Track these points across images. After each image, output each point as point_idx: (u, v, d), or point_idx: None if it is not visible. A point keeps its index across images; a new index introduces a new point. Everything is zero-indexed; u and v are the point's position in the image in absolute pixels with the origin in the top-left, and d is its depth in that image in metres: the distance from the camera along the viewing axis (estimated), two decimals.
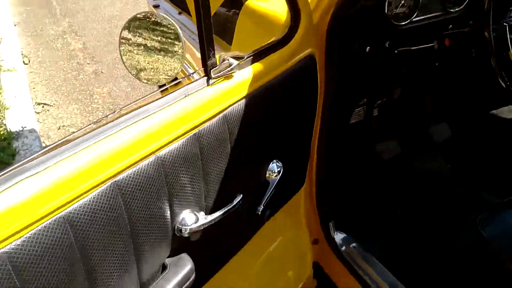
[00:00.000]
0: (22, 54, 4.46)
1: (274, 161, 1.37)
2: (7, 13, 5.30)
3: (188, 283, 1.10)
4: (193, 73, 1.85)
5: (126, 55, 1.31)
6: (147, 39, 1.38)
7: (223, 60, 1.13)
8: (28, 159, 0.83)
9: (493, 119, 2.14)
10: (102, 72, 4.25)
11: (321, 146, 1.66)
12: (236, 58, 1.16)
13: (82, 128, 0.92)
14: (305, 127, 1.52)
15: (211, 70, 1.10)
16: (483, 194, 1.99)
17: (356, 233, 1.86)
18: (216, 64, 1.11)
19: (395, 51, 1.64)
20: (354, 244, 1.84)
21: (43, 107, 3.79)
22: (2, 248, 0.76)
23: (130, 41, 1.40)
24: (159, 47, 1.38)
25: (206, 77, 1.11)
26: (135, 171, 0.95)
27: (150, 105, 1.01)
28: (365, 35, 1.58)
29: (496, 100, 2.12)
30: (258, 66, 1.22)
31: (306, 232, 1.83)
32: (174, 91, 1.06)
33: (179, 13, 2.54)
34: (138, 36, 1.40)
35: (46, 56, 4.54)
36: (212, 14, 1.08)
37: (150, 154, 0.98)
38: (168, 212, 1.05)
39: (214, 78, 1.11)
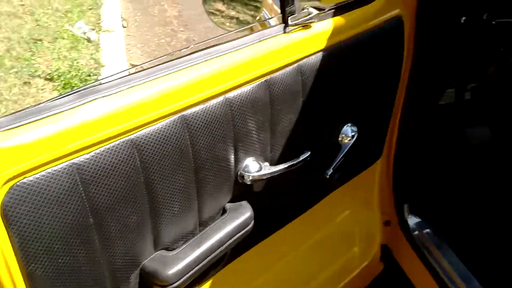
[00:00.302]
0: (121, 18, 4.67)
1: (349, 124, 1.31)
2: None
3: (246, 229, 1.09)
4: (270, 18, 1.81)
5: (220, 25, 1.34)
6: (240, 13, 1.39)
7: (303, 9, 1.08)
8: (103, 80, 0.85)
9: None
10: (193, 39, 4.35)
11: (403, 121, 1.56)
12: (317, 8, 1.11)
13: (156, 59, 0.93)
14: (385, 95, 1.44)
15: (289, 18, 1.06)
16: None
17: (432, 219, 1.75)
18: (295, 12, 1.07)
19: (493, 22, 1.49)
20: (428, 230, 1.74)
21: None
22: (72, 159, 0.79)
23: (224, 13, 1.41)
24: (251, 21, 1.38)
25: (283, 24, 1.07)
26: (203, 108, 0.95)
27: (224, 46, 0.99)
28: (461, 3, 1.45)
29: None
30: (339, 20, 1.15)
31: (378, 211, 1.75)
32: (249, 35, 1.03)
33: None
34: (232, 9, 1.41)
35: (143, 21, 4.72)
36: None
37: (219, 94, 0.97)
38: (232, 156, 1.04)
39: (291, 26, 1.07)
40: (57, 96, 0.82)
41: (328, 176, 1.31)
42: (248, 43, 1.02)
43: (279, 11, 1.11)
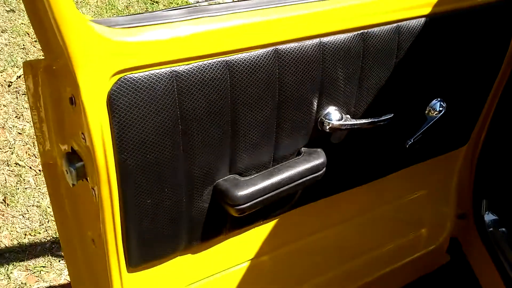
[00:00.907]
0: None
1: (439, 99, 1.30)
2: None
3: (317, 174, 1.13)
4: None
5: None
6: None
7: None
8: (212, 1, 0.93)
9: None
10: None
11: (498, 113, 1.52)
12: None
13: None
14: (482, 80, 1.40)
15: None
16: None
17: (509, 218, 1.69)
18: None
19: None
20: (503, 229, 1.68)
21: None
22: (173, 67, 0.88)
23: None
24: None
25: None
26: (297, 46, 1.00)
27: None
28: None
29: None
30: None
31: (453, 202, 1.72)
32: None
33: None
34: None
35: None
36: None
37: (315, 36, 1.02)
38: (316, 101, 1.09)
39: None
40: (171, 8, 0.91)
41: (407, 146, 1.32)
42: None
43: None
